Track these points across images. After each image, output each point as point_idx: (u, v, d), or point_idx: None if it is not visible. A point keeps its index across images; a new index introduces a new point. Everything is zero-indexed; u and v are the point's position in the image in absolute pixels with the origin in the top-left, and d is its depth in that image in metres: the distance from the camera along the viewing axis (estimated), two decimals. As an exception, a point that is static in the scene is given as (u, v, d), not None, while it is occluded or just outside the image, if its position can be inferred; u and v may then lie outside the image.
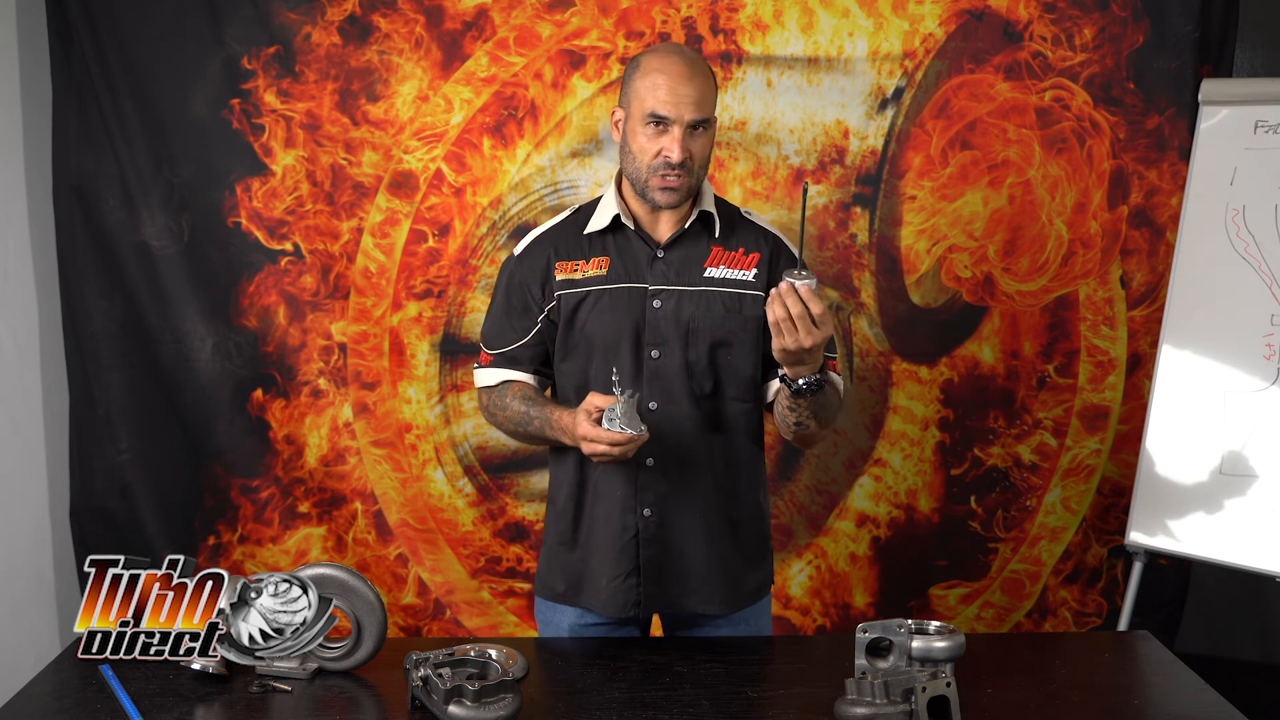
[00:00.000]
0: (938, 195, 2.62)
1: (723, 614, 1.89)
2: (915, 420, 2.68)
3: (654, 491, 1.84)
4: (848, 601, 2.73)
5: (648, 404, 1.82)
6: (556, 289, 1.86)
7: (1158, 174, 2.60)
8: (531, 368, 1.91)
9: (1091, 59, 2.57)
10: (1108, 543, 2.70)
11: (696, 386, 1.83)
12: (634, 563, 1.85)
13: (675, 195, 1.79)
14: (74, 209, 2.62)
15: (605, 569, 1.86)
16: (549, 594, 1.94)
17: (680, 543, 1.85)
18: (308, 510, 2.71)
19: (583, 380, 1.84)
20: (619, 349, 1.83)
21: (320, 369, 2.68)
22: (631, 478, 1.83)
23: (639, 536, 1.84)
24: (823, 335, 1.62)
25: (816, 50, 2.58)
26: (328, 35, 2.59)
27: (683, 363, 1.83)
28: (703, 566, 1.86)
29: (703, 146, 1.79)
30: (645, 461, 1.82)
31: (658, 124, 1.76)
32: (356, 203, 2.64)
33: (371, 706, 1.59)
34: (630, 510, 1.84)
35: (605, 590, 1.86)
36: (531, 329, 1.89)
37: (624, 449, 1.69)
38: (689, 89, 1.75)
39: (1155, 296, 2.61)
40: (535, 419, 1.84)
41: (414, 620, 2.74)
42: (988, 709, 1.55)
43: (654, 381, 1.83)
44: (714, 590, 1.87)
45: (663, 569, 1.85)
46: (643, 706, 1.54)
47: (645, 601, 1.86)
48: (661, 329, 1.83)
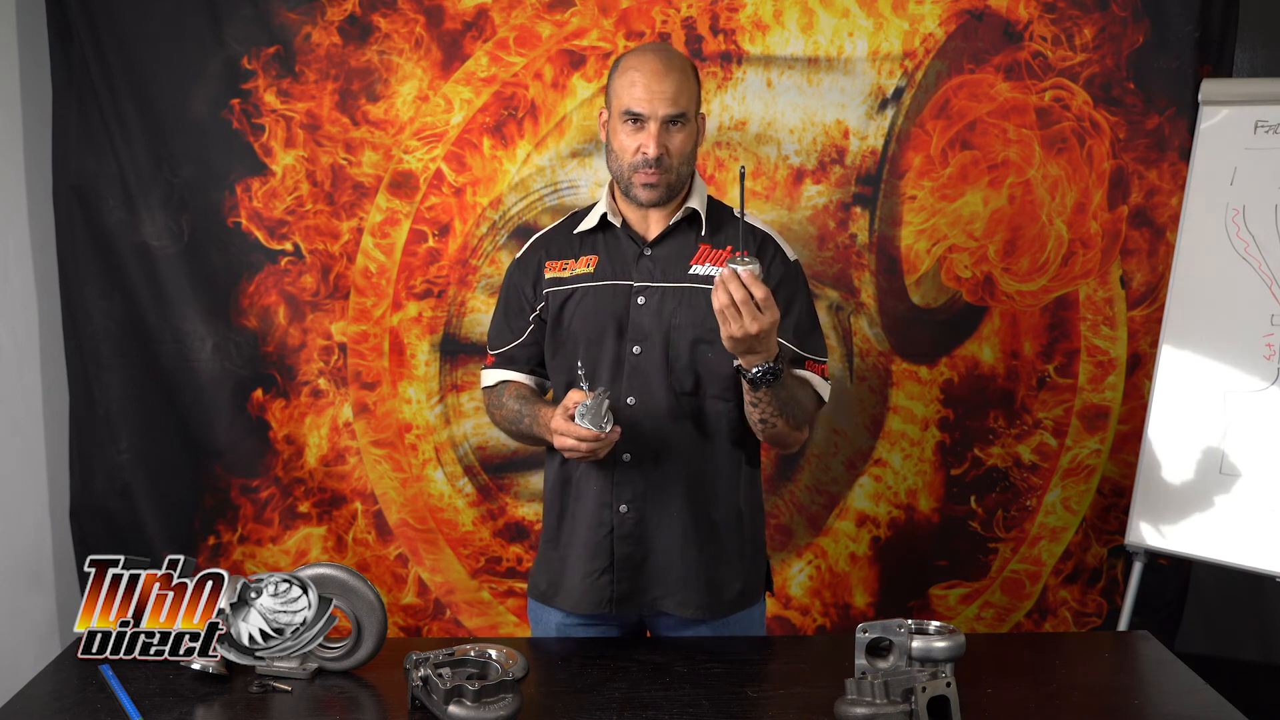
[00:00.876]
0: (938, 195, 2.62)
1: (703, 619, 1.87)
2: (915, 420, 2.68)
3: (631, 488, 1.84)
4: (848, 601, 2.73)
5: (626, 399, 1.83)
6: (545, 287, 1.88)
7: (1158, 174, 2.60)
8: (528, 368, 1.94)
9: (1091, 59, 2.57)
10: (1108, 543, 2.70)
11: (676, 383, 1.84)
12: (608, 559, 1.85)
13: (656, 192, 1.81)
14: (74, 209, 2.62)
15: (580, 565, 1.87)
16: (535, 593, 1.96)
17: (656, 540, 1.85)
18: (308, 510, 2.71)
19: (569, 377, 1.86)
20: (602, 344, 1.84)
21: (320, 369, 2.68)
22: (609, 473, 1.84)
23: (614, 533, 1.84)
24: (769, 320, 1.60)
25: (816, 50, 2.58)
26: (328, 35, 2.59)
27: (663, 359, 1.83)
28: (678, 566, 1.85)
29: (681, 142, 1.80)
30: (622, 457, 1.83)
31: (634, 121, 1.78)
32: (356, 203, 2.64)
33: (371, 706, 1.59)
34: (606, 506, 1.84)
35: (579, 587, 1.87)
36: (525, 329, 1.92)
37: (592, 446, 1.70)
38: (662, 85, 1.76)
39: (1155, 296, 2.60)
40: (525, 417, 1.87)
41: (414, 620, 2.74)
42: (988, 709, 1.55)
43: (634, 377, 1.83)
44: (691, 594, 1.86)
45: (637, 566, 1.85)
46: (643, 706, 1.54)
47: (619, 599, 1.86)
48: (644, 325, 1.83)
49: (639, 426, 1.82)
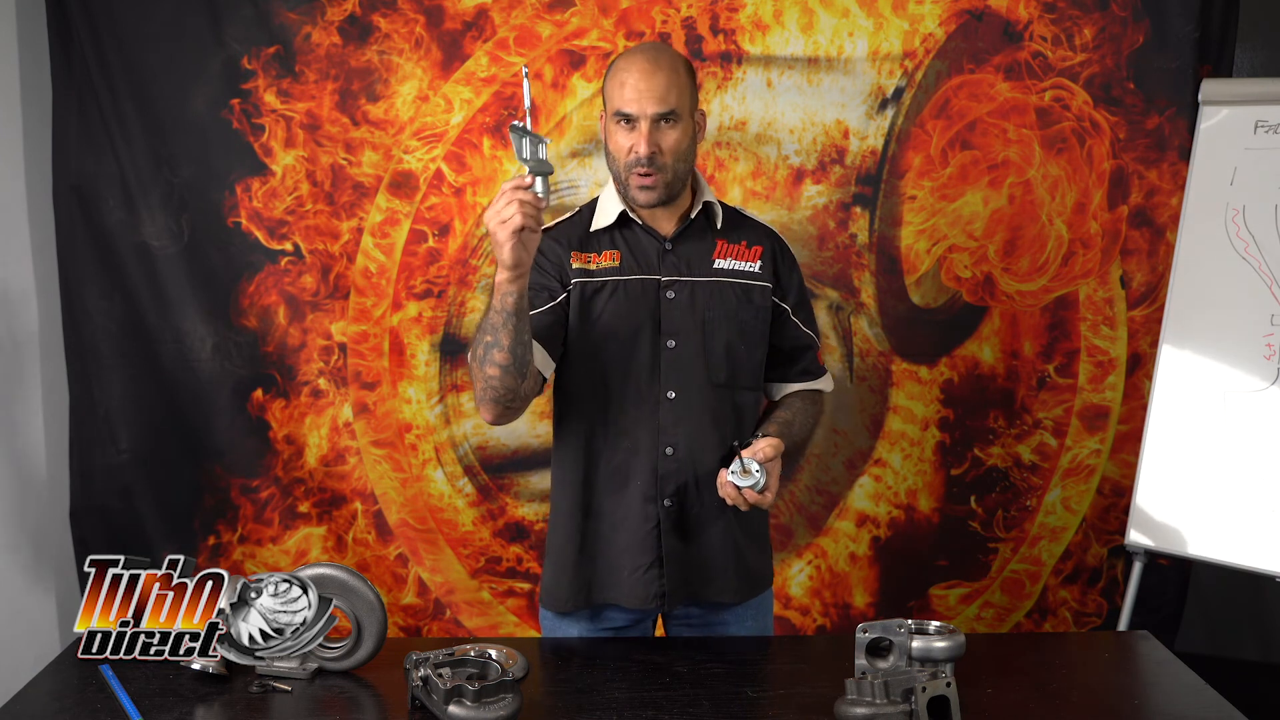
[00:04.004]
0: (938, 195, 2.62)
1: (737, 601, 1.90)
2: (915, 420, 2.68)
3: (674, 481, 1.84)
4: (848, 601, 2.73)
5: (666, 393, 1.83)
6: (573, 276, 1.85)
7: (1158, 174, 2.60)
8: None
9: (1091, 59, 2.57)
10: (1108, 543, 2.70)
11: (713, 375, 1.85)
12: (656, 554, 1.85)
13: (654, 194, 1.81)
14: (74, 209, 2.62)
15: (626, 561, 1.86)
16: (558, 607, 1.92)
17: (700, 532, 1.86)
18: (308, 510, 2.71)
19: (599, 369, 1.84)
20: (637, 339, 1.84)
21: (320, 369, 2.68)
22: (652, 467, 1.84)
23: (660, 526, 1.84)
24: (768, 500, 1.73)
25: (816, 50, 2.58)
26: (328, 35, 2.59)
27: (700, 351, 1.85)
28: (719, 555, 1.88)
29: (675, 141, 1.79)
30: (665, 450, 1.83)
31: (626, 121, 1.79)
32: (356, 203, 2.64)
33: (371, 706, 1.59)
34: (651, 500, 1.84)
35: (627, 582, 1.86)
36: (554, 299, 1.83)
37: (520, 187, 1.57)
38: (651, 84, 1.76)
39: (1155, 296, 2.61)
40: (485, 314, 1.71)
41: (414, 620, 2.74)
42: (988, 709, 1.55)
43: (671, 370, 1.84)
44: (729, 578, 1.89)
45: (683, 559, 1.86)
46: (643, 706, 1.54)
47: (670, 594, 1.86)
48: (677, 319, 1.84)
49: (680, 419, 1.83)
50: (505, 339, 1.67)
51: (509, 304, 1.64)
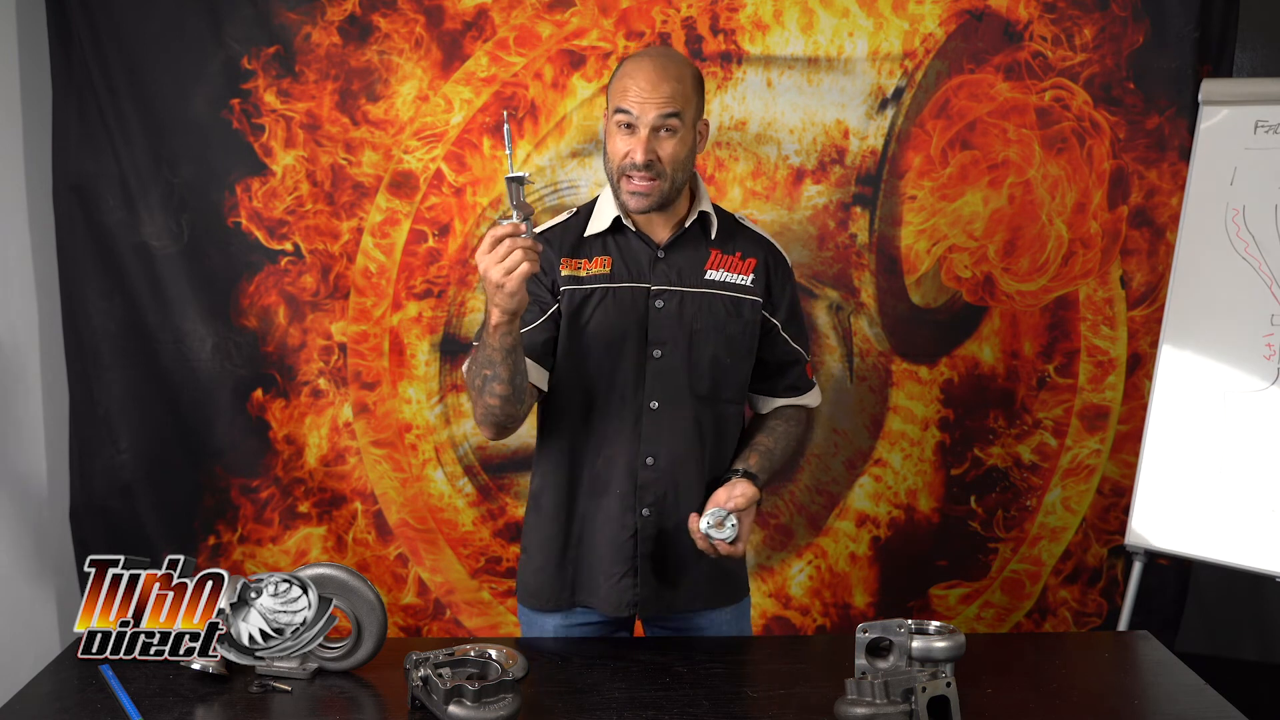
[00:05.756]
0: (938, 195, 2.62)
1: (707, 607, 1.90)
2: (915, 420, 2.68)
3: (653, 491, 1.84)
4: (848, 601, 2.72)
5: (650, 403, 1.83)
6: (562, 283, 1.84)
7: (1158, 174, 2.60)
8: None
9: (1091, 59, 2.57)
10: (1108, 543, 2.70)
11: (696, 386, 1.84)
12: (631, 563, 1.85)
13: (645, 201, 1.78)
14: (74, 209, 2.62)
15: (602, 567, 1.86)
16: (534, 604, 1.93)
17: (677, 543, 1.85)
18: (308, 510, 2.71)
19: (584, 376, 1.83)
20: (623, 347, 1.82)
21: (320, 369, 2.68)
22: (632, 476, 1.83)
23: (637, 535, 1.84)
24: (739, 550, 1.77)
25: (816, 50, 2.58)
26: (328, 35, 2.59)
27: (685, 362, 1.83)
28: (694, 566, 1.86)
29: (673, 150, 1.76)
30: (645, 460, 1.82)
31: (627, 125, 1.76)
32: (356, 203, 2.64)
33: (371, 706, 1.59)
34: (630, 509, 1.84)
35: (603, 588, 1.86)
36: (545, 311, 1.83)
37: (510, 235, 1.59)
38: (655, 89, 1.74)
39: (1155, 296, 2.60)
40: (480, 344, 1.72)
41: (414, 620, 2.73)
42: (988, 709, 1.55)
43: (656, 380, 1.83)
44: (703, 588, 1.89)
45: (659, 569, 1.86)
46: (643, 706, 1.54)
47: (642, 603, 1.86)
48: (664, 329, 1.83)
49: (661, 430, 1.82)
50: (504, 372, 1.70)
51: (507, 344, 1.67)
